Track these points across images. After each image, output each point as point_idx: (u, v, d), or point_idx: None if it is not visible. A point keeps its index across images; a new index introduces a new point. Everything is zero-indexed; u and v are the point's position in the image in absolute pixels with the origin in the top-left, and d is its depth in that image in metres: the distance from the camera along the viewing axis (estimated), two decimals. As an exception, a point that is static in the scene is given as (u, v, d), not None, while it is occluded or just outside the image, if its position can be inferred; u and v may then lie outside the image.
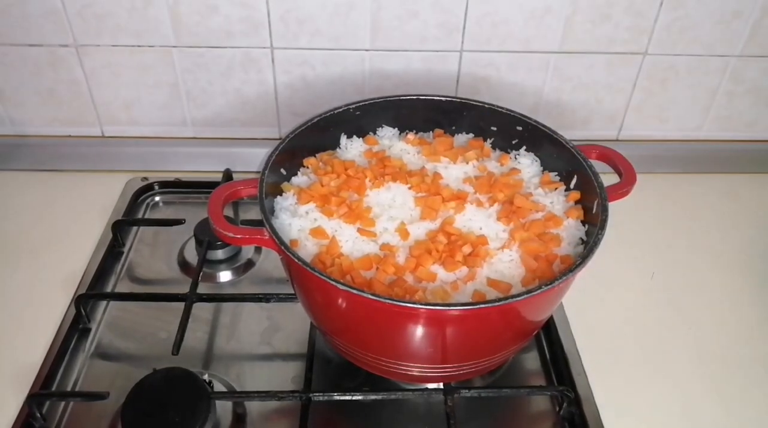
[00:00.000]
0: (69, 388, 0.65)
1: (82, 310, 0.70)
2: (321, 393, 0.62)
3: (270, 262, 0.79)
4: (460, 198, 0.64)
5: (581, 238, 0.62)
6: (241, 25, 0.81)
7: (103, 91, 0.87)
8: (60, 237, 0.81)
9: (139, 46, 0.82)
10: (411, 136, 0.72)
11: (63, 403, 0.63)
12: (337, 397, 0.62)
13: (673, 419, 0.63)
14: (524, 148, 0.71)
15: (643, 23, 0.81)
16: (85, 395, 0.64)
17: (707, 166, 0.94)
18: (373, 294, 0.50)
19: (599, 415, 0.62)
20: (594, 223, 0.60)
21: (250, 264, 0.79)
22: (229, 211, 0.86)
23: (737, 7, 0.81)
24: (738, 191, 0.91)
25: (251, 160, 0.88)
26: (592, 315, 0.72)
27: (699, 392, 0.66)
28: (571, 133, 0.71)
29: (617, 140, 0.94)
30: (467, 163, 0.69)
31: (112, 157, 0.91)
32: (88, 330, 0.70)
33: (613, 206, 0.59)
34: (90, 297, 0.72)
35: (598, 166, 0.64)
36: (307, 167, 0.69)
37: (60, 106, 0.88)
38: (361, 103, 0.70)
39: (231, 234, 0.58)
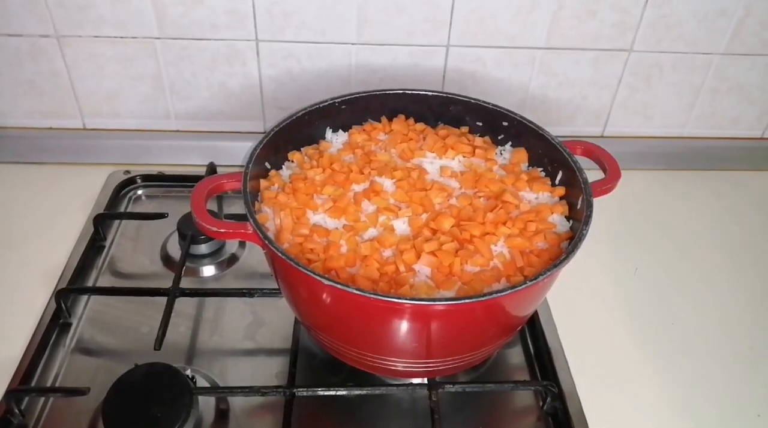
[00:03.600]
0: (49, 384, 0.64)
1: (63, 305, 0.69)
2: (305, 389, 0.62)
3: (254, 257, 0.78)
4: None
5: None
6: (226, 17, 0.80)
7: (84, 83, 0.86)
8: (40, 230, 0.79)
9: (121, 37, 0.81)
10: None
11: (42, 399, 0.62)
12: (321, 392, 0.62)
13: (656, 414, 0.64)
14: (510, 143, 0.71)
15: (629, 20, 0.82)
16: (65, 391, 0.63)
17: (691, 163, 0.95)
18: (357, 290, 0.50)
19: (582, 410, 0.62)
20: (578, 219, 0.60)
21: (233, 258, 0.78)
22: (213, 205, 0.85)
23: (721, 5, 0.81)
24: (721, 188, 0.92)
25: (235, 153, 0.88)
26: (576, 310, 0.73)
27: (682, 386, 0.66)
28: (556, 129, 0.71)
29: (602, 137, 0.94)
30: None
31: (93, 149, 0.90)
32: (69, 324, 0.70)
33: (597, 202, 0.59)
34: (71, 291, 0.71)
35: (583, 162, 0.64)
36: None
37: (41, 97, 0.87)
38: (346, 97, 0.70)
39: (214, 229, 0.57)
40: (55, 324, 0.69)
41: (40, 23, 0.80)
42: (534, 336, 0.70)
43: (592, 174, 0.63)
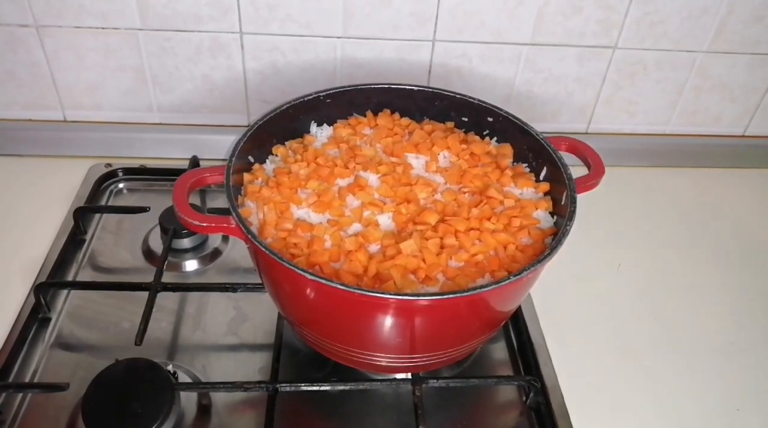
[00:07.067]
0: (27, 379, 0.63)
1: (42, 299, 0.68)
2: (288, 384, 0.61)
3: (237, 251, 0.78)
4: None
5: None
6: (209, 9, 0.79)
7: (65, 74, 0.84)
8: (19, 224, 0.78)
9: (103, 28, 0.80)
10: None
11: (20, 395, 0.61)
12: (305, 388, 0.62)
13: (638, 408, 0.64)
14: (495, 139, 0.71)
15: (614, 17, 0.82)
16: (43, 386, 0.62)
17: (673, 160, 0.96)
18: (341, 284, 0.49)
19: (565, 404, 0.63)
20: (562, 215, 0.60)
21: (216, 253, 0.77)
22: (196, 199, 0.85)
23: (705, 4, 0.82)
24: (703, 185, 0.93)
25: (219, 147, 0.87)
26: (560, 305, 0.73)
27: (664, 381, 0.67)
28: (541, 125, 0.71)
29: (586, 133, 0.95)
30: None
31: (74, 142, 0.88)
32: (48, 319, 0.69)
33: (581, 198, 0.60)
34: (50, 285, 0.70)
35: (568, 158, 0.64)
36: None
37: (20, 88, 0.85)
38: (331, 91, 0.69)
39: (196, 223, 0.56)
40: (34, 318, 0.68)
41: (19, 12, 0.78)
42: (517, 331, 0.70)
43: (577, 170, 0.63)
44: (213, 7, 0.79)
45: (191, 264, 0.76)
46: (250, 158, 0.65)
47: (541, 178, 0.66)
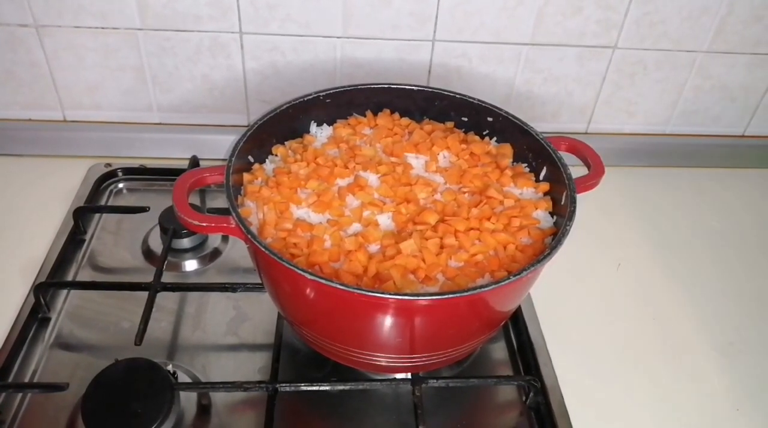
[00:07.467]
0: (27, 379, 0.63)
1: (42, 299, 0.68)
2: (288, 384, 0.61)
3: (237, 251, 0.78)
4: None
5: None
6: (209, 9, 0.79)
7: (65, 74, 0.84)
8: (19, 224, 0.78)
9: (102, 27, 0.80)
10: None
11: (20, 395, 0.61)
12: (304, 388, 0.62)
13: (638, 408, 0.64)
14: (495, 139, 0.71)
15: (614, 17, 0.82)
16: (43, 386, 0.62)
17: (673, 160, 0.96)
18: (341, 284, 0.49)
19: (565, 404, 0.63)
20: (562, 215, 0.60)
21: (216, 253, 0.77)
22: (195, 199, 0.85)
23: (705, 4, 0.82)
24: (703, 185, 0.93)
25: (219, 147, 0.87)
26: (559, 305, 0.73)
27: (662, 381, 0.67)
28: (541, 125, 0.71)
29: (586, 133, 0.95)
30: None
31: (74, 142, 0.88)
32: (48, 319, 0.69)
33: (581, 198, 0.60)
34: (50, 285, 0.70)
35: (568, 158, 0.64)
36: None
37: (20, 88, 0.85)
38: (331, 91, 0.69)
39: (196, 222, 0.56)
40: (34, 318, 0.68)
41: (19, 12, 0.78)
42: (517, 331, 0.70)
43: (577, 170, 0.63)
44: (213, 7, 0.79)
45: (191, 264, 0.76)
46: (250, 158, 0.65)
47: (541, 177, 0.66)
